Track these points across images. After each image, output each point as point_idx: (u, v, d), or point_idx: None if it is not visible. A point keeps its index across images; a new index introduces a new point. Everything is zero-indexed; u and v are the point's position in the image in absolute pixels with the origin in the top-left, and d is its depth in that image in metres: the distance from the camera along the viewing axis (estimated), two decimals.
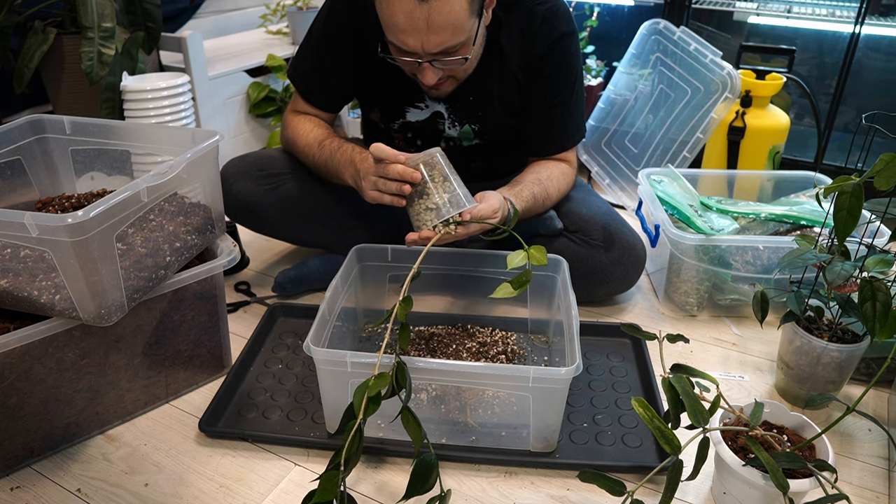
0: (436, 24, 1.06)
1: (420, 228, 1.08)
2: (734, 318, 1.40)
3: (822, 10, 1.99)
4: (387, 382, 0.86)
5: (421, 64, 1.14)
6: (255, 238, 1.64)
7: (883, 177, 0.83)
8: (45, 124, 1.20)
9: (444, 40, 1.09)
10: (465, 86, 1.28)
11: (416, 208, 1.08)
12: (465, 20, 1.08)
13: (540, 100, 1.32)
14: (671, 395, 0.83)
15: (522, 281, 0.98)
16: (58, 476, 0.99)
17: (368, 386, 0.86)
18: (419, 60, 1.13)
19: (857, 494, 0.98)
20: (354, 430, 0.83)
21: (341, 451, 0.83)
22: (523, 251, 1.00)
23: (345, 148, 1.26)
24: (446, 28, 1.07)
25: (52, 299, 0.90)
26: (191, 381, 1.16)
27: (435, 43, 1.09)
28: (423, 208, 1.07)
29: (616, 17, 2.37)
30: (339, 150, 1.26)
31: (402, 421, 0.87)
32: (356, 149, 1.24)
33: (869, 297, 0.91)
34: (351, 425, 0.83)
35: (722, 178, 1.65)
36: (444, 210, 1.06)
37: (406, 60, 1.15)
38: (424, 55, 1.12)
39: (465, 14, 1.08)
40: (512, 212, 1.18)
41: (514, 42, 1.26)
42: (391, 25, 1.09)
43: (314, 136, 1.33)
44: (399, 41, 1.10)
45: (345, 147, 1.26)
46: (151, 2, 1.73)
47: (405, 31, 1.08)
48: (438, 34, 1.07)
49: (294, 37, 2.39)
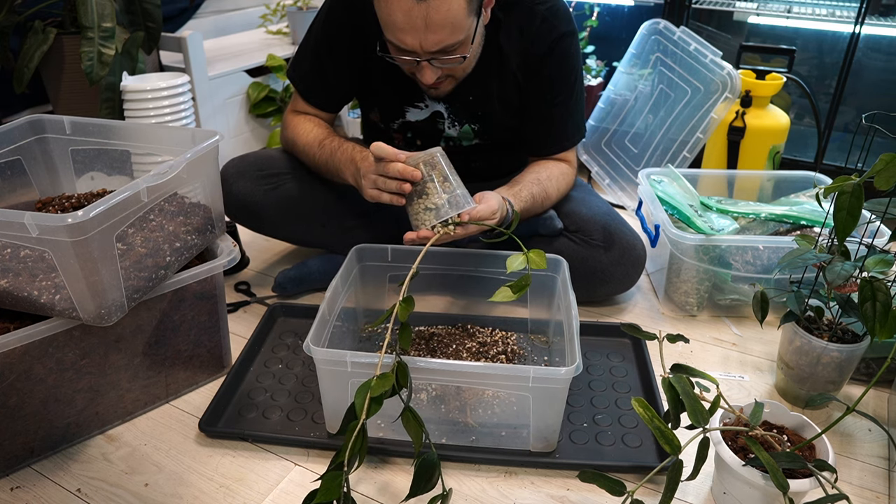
0: (434, 22, 1.06)
1: (419, 228, 1.08)
2: (734, 318, 1.40)
3: (822, 10, 1.99)
4: (390, 383, 0.86)
5: (419, 63, 1.14)
6: (255, 238, 1.64)
7: (883, 177, 0.83)
8: (45, 124, 1.20)
9: (443, 39, 1.09)
10: (464, 86, 1.28)
11: (415, 207, 1.08)
12: (463, 19, 1.08)
13: (539, 100, 1.32)
14: (671, 395, 0.83)
15: (522, 285, 0.98)
16: (58, 476, 0.99)
17: (370, 387, 0.86)
18: (417, 59, 1.13)
19: (857, 494, 0.98)
20: (357, 430, 0.83)
21: (344, 450, 0.83)
22: (522, 254, 1.00)
23: (345, 147, 1.26)
24: (444, 27, 1.07)
25: (52, 299, 0.90)
26: (191, 381, 1.16)
27: (433, 42, 1.09)
28: (423, 208, 1.07)
29: (616, 17, 2.37)
30: (340, 149, 1.26)
31: (403, 421, 0.87)
32: (357, 147, 1.24)
33: (869, 297, 0.91)
34: (353, 426, 0.83)
35: (722, 178, 1.65)
36: (443, 210, 1.06)
37: (405, 59, 1.15)
38: (423, 54, 1.12)
39: (464, 13, 1.08)
40: (511, 213, 1.18)
41: (514, 42, 1.26)
42: (389, 24, 1.09)
43: (314, 135, 1.33)
44: (397, 40, 1.10)
45: (345, 146, 1.26)
46: (151, 2, 1.73)
47: (403, 29, 1.08)
48: (436, 33, 1.07)
49: (294, 37, 2.39)
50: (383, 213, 1.38)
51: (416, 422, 0.87)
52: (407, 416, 0.87)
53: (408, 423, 0.87)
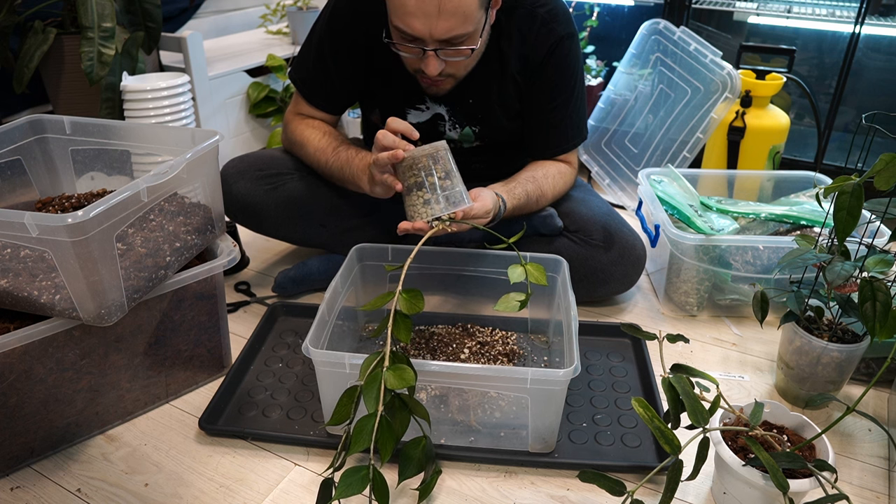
0: (447, 9, 1.05)
1: (413, 219, 1.08)
2: (734, 318, 1.40)
3: (822, 10, 1.99)
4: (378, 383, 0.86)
5: (425, 52, 1.13)
6: (255, 238, 1.64)
7: (883, 177, 0.83)
8: (45, 124, 1.20)
9: (453, 27, 1.08)
10: (465, 88, 1.28)
11: (412, 199, 1.08)
12: (475, 10, 1.08)
13: (539, 102, 1.32)
14: (671, 395, 0.83)
15: (524, 301, 1.01)
16: (58, 476, 0.99)
17: (361, 387, 0.86)
18: (424, 48, 1.13)
19: (857, 494, 0.98)
20: (378, 422, 0.84)
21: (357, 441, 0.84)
22: (521, 266, 1.01)
23: (362, 155, 1.25)
24: (456, 14, 1.07)
25: (52, 299, 0.90)
26: (191, 381, 1.16)
27: (443, 29, 1.08)
28: (421, 201, 1.07)
29: (616, 17, 2.37)
30: (357, 157, 1.25)
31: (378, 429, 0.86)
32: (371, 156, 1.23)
33: (869, 297, 0.91)
34: (368, 424, 0.84)
35: (722, 178, 1.65)
36: (438, 208, 1.07)
37: (410, 48, 1.14)
38: (430, 42, 1.11)
39: (476, 4, 1.08)
40: (503, 209, 1.19)
41: (514, 45, 1.26)
42: (399, 7, 1.08)
43: (326, 142, 1.32)
44: (406, 25, 1.09)
45: (361, 154, 1.25)
46: (151, 2, 1.73)
47: (414, 14, 1.07)
48: (448, 20, 1.07)
49: (294, 37, 2.39)
50: (384, 214, 1.38)
51: (389, 430, 0.86)
52: (382, 425, 0.86)
53: (382, 431, 0.86)
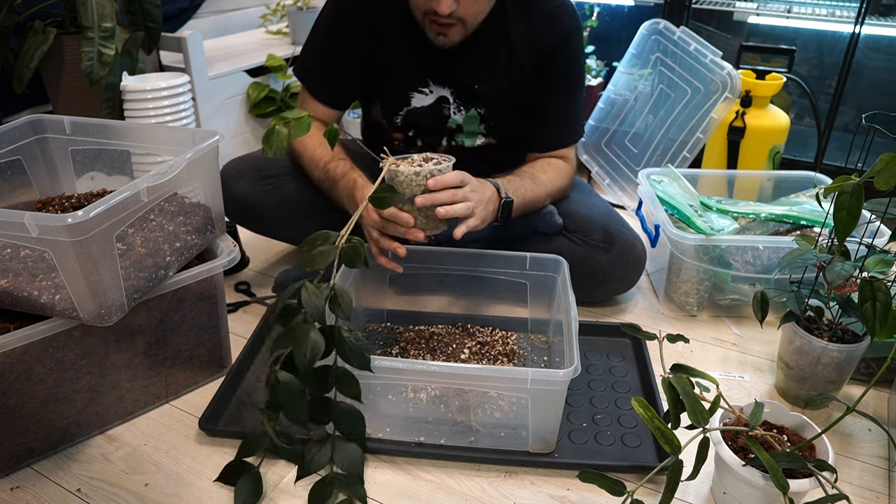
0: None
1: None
2: (734, 318, 1.40)
3: (822, 10, 1.99)
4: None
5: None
6: (255, 238, 1.64)
7: (883, 177, 0.83)
8: (45, 124, 1.20)
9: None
10: (471, 73, 1.29)
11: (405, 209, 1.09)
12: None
13: (542, 95, 1.33)
14: (671, 395, 0.83)
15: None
16: (58, 476, 0.99)
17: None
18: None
19: (857, 494, 0.98)
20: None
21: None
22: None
23: (347, 178, 1.23)
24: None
25: (52, 299, 0.90)
26: (191, 381, 1.16)
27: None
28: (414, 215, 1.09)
29: (616, 17, 2.37)
30: (343, 180, 1.23)
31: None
32: (358, 183, 1.21)
33: (869, 297, 0.91)
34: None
35: (722, 178, 1.65)
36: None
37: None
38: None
39: None
40: (505, 196, 1.19)
41: (521, 34, 1.28)
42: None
43: (319, 154, 1.31)
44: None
45: (347, 177, 1.23)
46: (151, 2, 1.72)
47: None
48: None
49: (294, 37, 2.39)
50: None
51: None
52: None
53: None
